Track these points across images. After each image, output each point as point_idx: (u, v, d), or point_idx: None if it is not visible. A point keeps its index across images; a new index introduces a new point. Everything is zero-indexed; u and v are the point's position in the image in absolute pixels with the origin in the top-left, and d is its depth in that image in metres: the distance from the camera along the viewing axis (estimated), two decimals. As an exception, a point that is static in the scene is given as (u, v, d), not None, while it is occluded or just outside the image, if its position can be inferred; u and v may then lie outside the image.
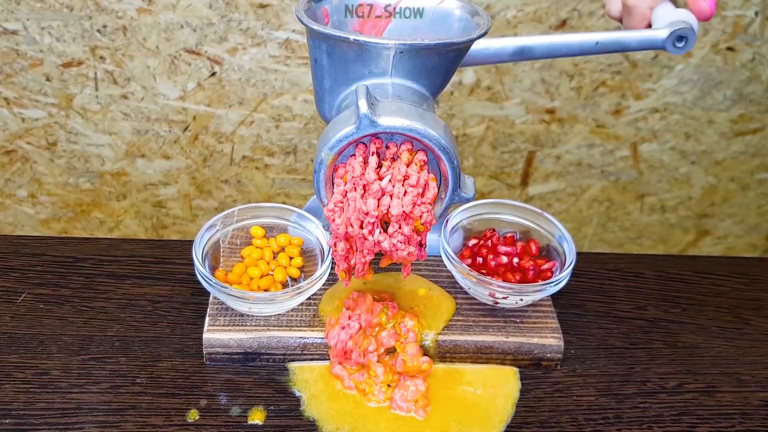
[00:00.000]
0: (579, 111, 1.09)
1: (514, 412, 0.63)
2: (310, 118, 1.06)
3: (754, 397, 0.66)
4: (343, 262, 0.61)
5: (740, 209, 1.22)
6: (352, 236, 0.59)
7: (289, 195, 1.15)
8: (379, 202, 0.57)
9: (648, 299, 0.76)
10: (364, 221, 0.58)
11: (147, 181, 1.12)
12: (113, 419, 0.60)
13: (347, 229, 0.59)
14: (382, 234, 0.59)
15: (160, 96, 1.04)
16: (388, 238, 0.59)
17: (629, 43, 0.64)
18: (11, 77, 1.02)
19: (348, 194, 0.58)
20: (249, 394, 0.63)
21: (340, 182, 0.59)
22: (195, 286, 0.70)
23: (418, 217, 0.58)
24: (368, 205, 0.57)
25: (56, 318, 0.69)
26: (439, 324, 0.66)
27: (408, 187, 0.57)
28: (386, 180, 0.57)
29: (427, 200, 0.58)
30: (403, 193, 0.57)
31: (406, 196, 0.57)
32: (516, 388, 0.65)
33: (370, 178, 0.57)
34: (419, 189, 0.57)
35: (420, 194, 0.58)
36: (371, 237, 0.59)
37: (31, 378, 0.63)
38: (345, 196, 0.58)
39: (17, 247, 0.76)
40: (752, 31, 1.03)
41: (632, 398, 0.65)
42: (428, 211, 0.58)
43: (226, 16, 0.97)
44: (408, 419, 0.62)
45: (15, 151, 1.09)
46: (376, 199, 0.57)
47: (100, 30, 0.98)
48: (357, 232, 0.59)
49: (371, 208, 0.57)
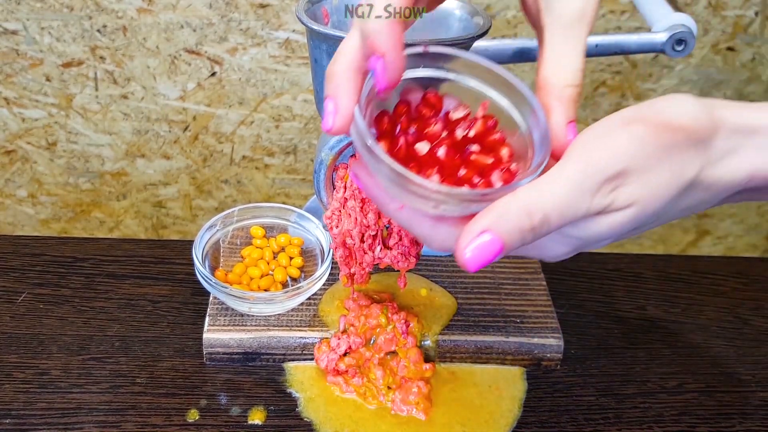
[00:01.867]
0: (579, 111, 1.09)
1: (520, 414, 0.63)
2: (310, 118, 1.06)
3: (754, 397, 0.66)
4: (344, 267, 0.61)
5: (740, 209, 1.22)
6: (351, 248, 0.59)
7: (289, 195, 1.15)
8: (379, 214, 0.57)
9: (648, 299, 0.76)
10: (364, 234, 0.58)
11: (147, 181, 1.12)
12: (113, 419, 0.60)
13: (345, 240, 0.58)
14: (383, 251, 0.58)
15: (160, 96, 1.04)
16: (388, 253, 0.59)
17: (628, 46, 0.64)
18: (11, 77, 1.02)
19: (347, 203, 0.58)
20: (249, 394, 0.63)
21: (339, 186, 0.58)
22: (195, 286, 0.70)
23: None
24: (368, 219, 0.57)
25: (56, 318, 0.69)
26: (440, 324, 0.66)
27: None
28: None
29: None
30: None
31: None
32: (522, 389, 0.65)
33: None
34: None
35: None
36: (371, 252, 0.59)
37: (31, 378, 0.63)
38: (344, 205, 0.58)
39: (17, 247, 0.76)
40: (752, 31, 1.03)
41: (632, 398, 0.65)
42: None
43: (226, 16, 0.97)
44: (410, 422, 0.61)
45: (15, 151, 1.09)
46: (375, 214, 0.57)
47: (100, 30, 0.98)
48: (357, 245, 0.58)
49: (371, 222, 0.57)
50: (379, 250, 0.59)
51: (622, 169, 0.36)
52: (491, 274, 0.72)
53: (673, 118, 0.37)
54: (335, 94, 0.39)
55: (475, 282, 0.71)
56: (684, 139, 0.37)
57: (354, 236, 0.58)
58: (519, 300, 0.69)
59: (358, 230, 0.57)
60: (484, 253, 0.36)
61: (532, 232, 0.36)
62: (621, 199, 0.37)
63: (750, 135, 0.38)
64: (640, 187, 0.37)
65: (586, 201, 0.36)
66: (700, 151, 0.37)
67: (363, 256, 0.59)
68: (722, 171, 0.38)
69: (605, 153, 0.36)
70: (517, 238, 0.36)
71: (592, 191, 0.36)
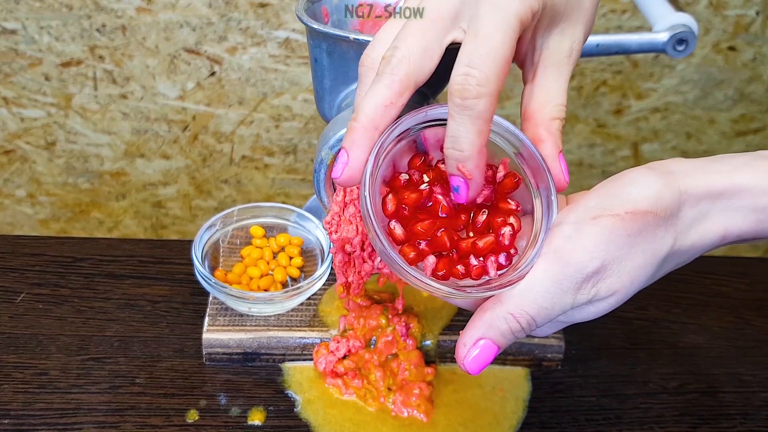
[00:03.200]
0: (580, 111, 1.09)
1: (525, 416, 0.62)
2: (310, 117, 1.06)
3: (756, 398, 0.66)
4: (341, 276, 0.61)
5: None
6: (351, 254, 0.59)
7: (289, 195, 1.15)
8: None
9: (649, 299, 0.75)
10: (365, 242, 0.58)
11: (146, 181, 1.12)
12: (113, 419, 0.60)
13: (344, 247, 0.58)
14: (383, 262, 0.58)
15: (160, 96, 1.03)
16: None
17: (629, 45, 0.64)
18: (10, 77, 1.01)
19: (347, 208, 0.58)
20: (248, 395, 0.63)
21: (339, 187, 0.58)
22: (194, 286, 0.70)
23: None
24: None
25: (55, 318, 0.69)
26: (441, 325, 0.66)
27: None
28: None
29: None
30: None
31: None
32: (527, 391, 0.64)
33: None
34: None
35: None
36: (371, 262, 0.59)
37: (30, 378, 0.63)
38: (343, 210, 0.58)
39: (16, 247, 0.76)
40: (753, 30, 1.03)
41: (633, 399, 0.65)
42: None
43: (226, 16, 0.97)
44: (411, 424, 0.60)
45: (14, 150, 1.08)
46: None
47: (99, 29, 0.97)
48: (357, 252, 0.58)
49: None
50: (379, 261, 0.59)
51: (599, 266, 0.38)
52: (492, 274, 0.72)
53: (638, 204, 0.39)
54: (350, 148, 0.41)
55: (475, 282, 0.71)
56: (652, 220, 0.39)
57: (354, 245, 0.58)
58: (520, 300, 0.69)
59: (360, 239, 0.57)
60: (483, 357, 0.40)
61: (522, 332, 0.40)
62: (602, 292, 0.39)
63: (716, 199, 0.40)
64: (618, 278, 0.39)
65: (569, 299, 0.39)
66: (670, 226, 0.39)
67: (362, 265, 0.59)
68: (695, 237, 0.40)
69: (580, 255, 0.38)
70: (509, 339, 0.40)
71: (573, 291, 0.39)
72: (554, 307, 0.39)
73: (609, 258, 0.38)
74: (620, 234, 0.38)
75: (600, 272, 0.39)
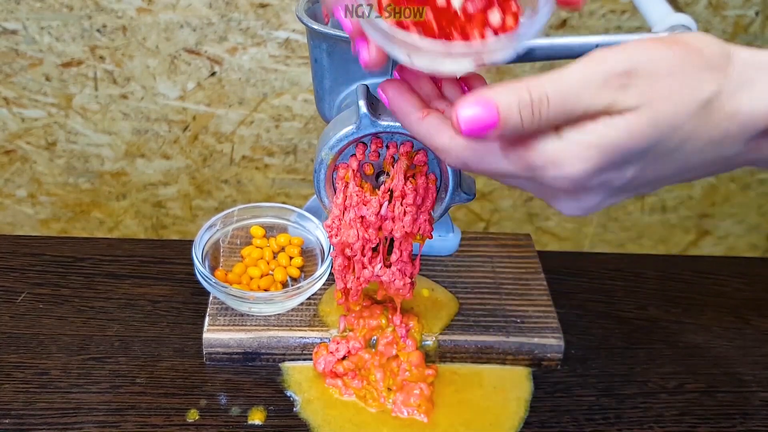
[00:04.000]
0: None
1: (526, 416, 0.62)
2: (310, 118, 1.06)
3: (755, 398, 0.66)
4: (339, 281, 0.61)
5: (741, 209, 1.22)
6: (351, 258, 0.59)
7: (289, 195, 1.15)
8: (380, 227, 0.58)
9: (649, 299, 0.76)
10: (365, 247, 0.58)
11: (147, 181, 1.12)
12: (113, 419, 0.60)
13: (344, 250, 0.58)
14: (383, 269, 0.59)
15: (160, 96, 1.03)
16: (387, 271, 0.59)
17: (630, 44, 0.64)
18: (10, 77, 1.01)
19: (347, 212, 0.58)
20: (249, 394, 0.63)
21: (339, 188, 0.58)
22: (195, 286, 0.70)
23: (417, 233, 0.58)
24: (369, 234, 0.57)
25: (56, 318, 0.69)
26: (441, 325, 0.66)
27: (406, 207, 0.57)
28: (384, 206, 0.57)
29: (426, 208, 0.58)
30: (403, 213, 0.57)
31: (406, 216, 0.57)
32: (528, 391, 0.64)
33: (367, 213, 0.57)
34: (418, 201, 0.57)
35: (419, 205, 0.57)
36: (371, 267, 0.59)
37: (31, 378, 0.63)
38: (343, 212, 0.58)
39: (17, 247, 0.76)
40: (753, 30, 1.03)
41: (633, 398, 0.65)
42: (426, 221, 0.58)
43: (226, 16, 0.97)
44: (412, 425, 0.60)
45: (14, 150, 1.09)
46: (375, 229, 0.58)
47: (99, 30, 0.98)
48: (357, 257, 0.58)
49: (372, 237, 0.57)
50: (379, 268, 0.59)
51: (631, 67, 0.36)
52: (492, 274, 0.72)
53: (689, 39, 0.38)
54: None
55: (475, 282, 0.71)
56: (698, 58, 0.37)
57: (355, 249, 0.58)
58: (520, 300, 0.69)
59: (360, 244, 0.58)
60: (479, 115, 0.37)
61: (529, 108, 0.36)
62: (629, 98, 0.36)
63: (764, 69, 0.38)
64: (650, 89, 0.36)
65: (590, 92, 0.36)
66: (716, 75, 0.37)
67: (362, 270, 0.59)
68: (742, 101, 0.38)
69: (617, 53, 0.37)
70: (514, 111, 0.36)
71: (597, 84, 0.36)
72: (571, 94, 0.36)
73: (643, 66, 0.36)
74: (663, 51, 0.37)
75: (630, 75, 0.36)
